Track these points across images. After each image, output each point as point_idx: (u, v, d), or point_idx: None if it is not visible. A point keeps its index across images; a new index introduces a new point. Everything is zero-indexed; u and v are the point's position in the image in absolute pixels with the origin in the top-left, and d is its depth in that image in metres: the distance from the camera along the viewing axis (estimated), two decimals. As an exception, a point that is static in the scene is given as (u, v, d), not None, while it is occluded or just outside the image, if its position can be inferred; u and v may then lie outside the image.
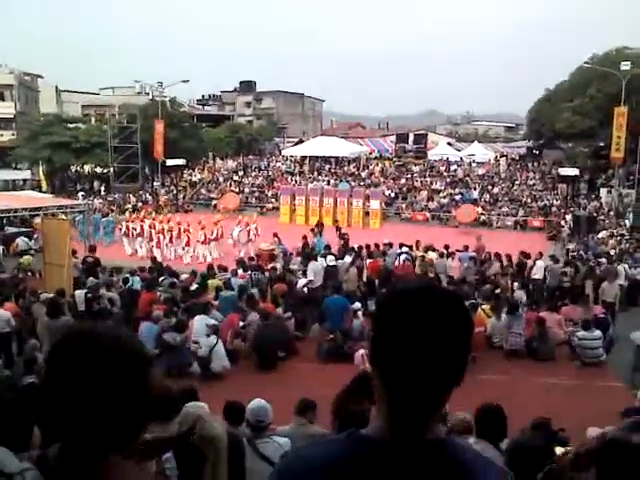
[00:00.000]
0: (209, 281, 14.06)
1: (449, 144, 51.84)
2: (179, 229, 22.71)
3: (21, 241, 21.70)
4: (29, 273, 17.22)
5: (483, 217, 33.42)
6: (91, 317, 10.33)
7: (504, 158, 45.44)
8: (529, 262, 16.96)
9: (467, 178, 40.12)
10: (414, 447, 1.25)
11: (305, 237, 20.23)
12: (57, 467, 1.36)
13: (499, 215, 33.96)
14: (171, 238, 22.42)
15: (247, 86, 72.05)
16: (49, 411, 1.34)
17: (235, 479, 3.00)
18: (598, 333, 11.39)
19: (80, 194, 39.02)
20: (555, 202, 34.99)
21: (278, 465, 1.39)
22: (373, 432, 1.31)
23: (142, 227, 23.38)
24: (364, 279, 15.91)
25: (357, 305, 12.74)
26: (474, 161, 43.78)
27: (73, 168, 47.52)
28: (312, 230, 20.97)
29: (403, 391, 1.26)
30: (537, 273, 16.54)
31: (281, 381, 10.17)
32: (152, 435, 3.11)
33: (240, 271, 15.32)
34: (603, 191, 35.78)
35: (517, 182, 38.96)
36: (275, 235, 20.79)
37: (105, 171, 45.35)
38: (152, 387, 1.38)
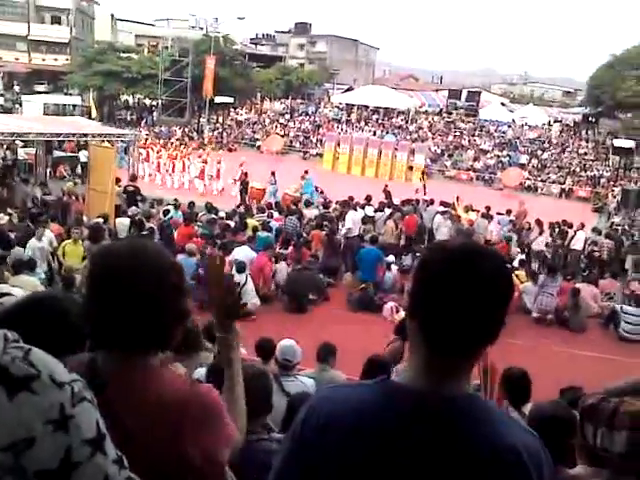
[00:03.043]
0: (247, 220, 14.18)
1: (502, 104, 50.39)
2: (180, 156, 24.37)
3: (82, 155, 23.04)
4: (73, 197, 17.55)
5: (529, 182, 32.72)
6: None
7: (558, 123, 44.00)
8: (570, 232, 16.60)
9: (517, 140, 39.16)
10: (446, 399, 1.27)
11: (386, 187, 19.89)
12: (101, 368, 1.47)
13: (545, 181, 33.18)
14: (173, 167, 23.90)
15: (302, 28, 70.54)
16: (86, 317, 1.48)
17: (260, 410, 3.12)
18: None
19: (143, 122, 39.91)
20: (605, 173, 33.97)
21: (308, 402, 1.39)
22: (405, 382, 1.33)
23: (148, 153, 24.55)
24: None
25: (391, 258, 12.76)
26: (526, 124, 42.51)
27: (123, 97, 47.81)
28: (306, 172, 20.80)
29: (441, 344, 1.28)
30: (576, 244, 16.18)
31: (309, 325, 10.29)
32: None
33: (275, 214, 15.44)
34: (659, 167, 34.49)
35: (568, 149, 37.85)
36: (272, 174, 20.48)
37: (154, 103, 45.57)
38: (172, 289, 1.49)
